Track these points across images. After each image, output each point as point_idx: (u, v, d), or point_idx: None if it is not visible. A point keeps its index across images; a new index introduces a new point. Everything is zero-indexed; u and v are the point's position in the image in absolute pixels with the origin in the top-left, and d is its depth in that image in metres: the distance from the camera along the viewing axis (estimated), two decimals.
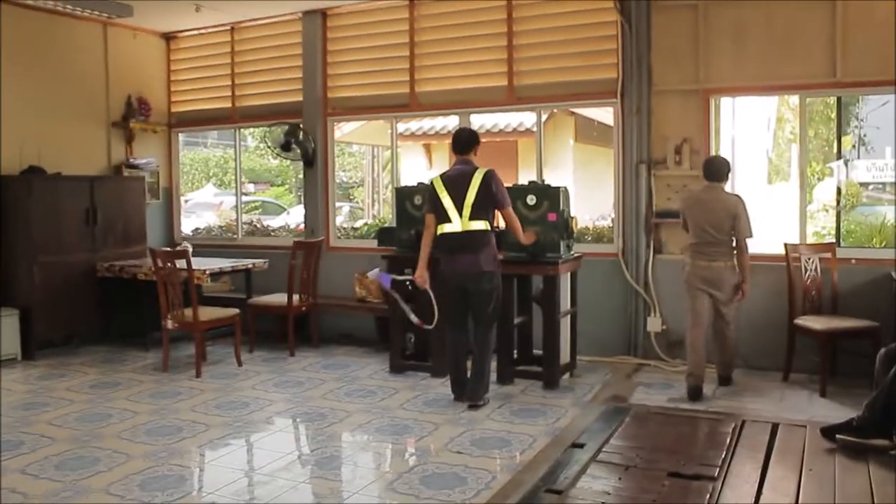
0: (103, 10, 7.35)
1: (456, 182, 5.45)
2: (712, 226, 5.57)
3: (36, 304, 7.04)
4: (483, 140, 5.84)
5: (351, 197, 15.29)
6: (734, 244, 5.62)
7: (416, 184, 6.59)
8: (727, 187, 5.79)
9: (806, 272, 6.01)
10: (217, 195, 15.12)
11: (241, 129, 9.18)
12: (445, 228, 5.44)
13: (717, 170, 5.70)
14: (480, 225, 5.40)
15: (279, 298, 7.25)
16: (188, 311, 6.43)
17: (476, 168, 5.48)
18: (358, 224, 9.72)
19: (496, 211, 5.49)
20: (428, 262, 5.56)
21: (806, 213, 6.42)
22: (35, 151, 7.36)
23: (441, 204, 5.44)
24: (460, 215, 5.38)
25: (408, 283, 5.76)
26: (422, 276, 5.54)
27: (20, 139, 7.28)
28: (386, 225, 7.72)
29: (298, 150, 7.85)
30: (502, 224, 5.72)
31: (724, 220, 5.55)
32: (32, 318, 7.03)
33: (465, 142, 5.60)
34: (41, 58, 7.62)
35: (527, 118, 9.81)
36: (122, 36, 8.44)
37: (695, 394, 5.54)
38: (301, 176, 8.28)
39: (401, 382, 6.12)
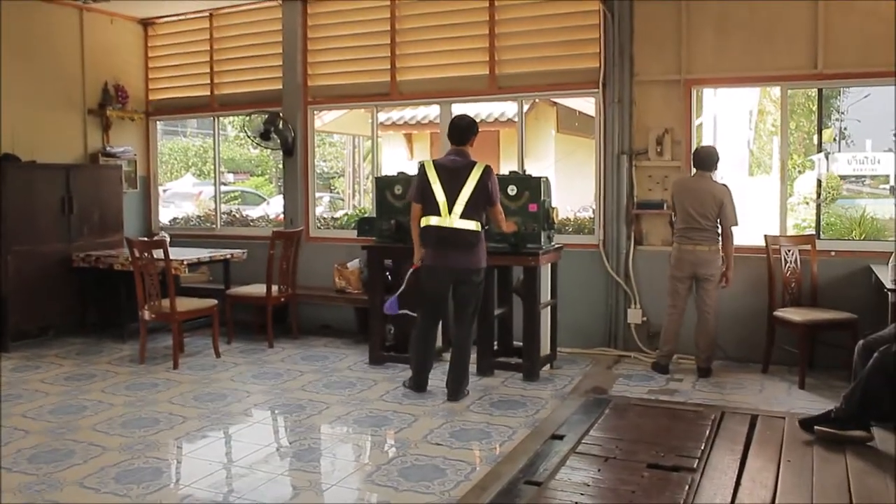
0: None
1: (450, 173, 5.25)
2: (698, 212, 5.78)
3: (9, 294, 6.92)
4: None
5: (331, 187, 15.22)
6: (719, 231, 5.82)
7: (396, 173, 6.53)
8: (715, 177, 5.96)
9: (786, 264, 6.05)
10: (196, 185, 14.99)
11: (221, 118, 9.08)
12: (432, 220, 5.27)
13: (706, 159, 5.93)
14: (471, 225, 5.23)
15: (258, 289, 7.18)
16: (165, 302, 6.36)
17: (473, 162, 5.28)
18: (338, 214, 9.66)
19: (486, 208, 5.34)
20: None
21: (786, 205, 6.48)
22: (9, 139, 7.22)
23: (432, 193, 5.25)
24: (451, 210, 5.21)
25: (387, 272, 5.72)
26: (418, 264, 5.45)
27: None
28: (366, 215, 7.66)
29: (278, 139, 7.77)
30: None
31: (710, 208, 5.76)
32: (6, 309, 6.90)
33: (463, 130, 5.36)
34: (15, 43, 7.45)
35: (508, 108, 9.76)
36: (98, 21, 8.29)
37: (661, 369, 5.97)
38: (281, 166, 8.20)
39: (380, 374, 6.09)
